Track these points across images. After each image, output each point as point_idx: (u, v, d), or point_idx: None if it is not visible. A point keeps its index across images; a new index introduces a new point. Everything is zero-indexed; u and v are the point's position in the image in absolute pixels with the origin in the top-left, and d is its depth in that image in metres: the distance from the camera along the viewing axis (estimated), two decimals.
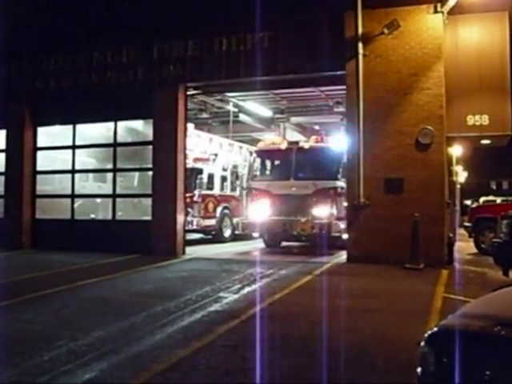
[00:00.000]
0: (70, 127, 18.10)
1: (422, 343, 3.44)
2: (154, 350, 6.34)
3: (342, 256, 14.59)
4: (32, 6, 17.55)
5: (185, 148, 16.21)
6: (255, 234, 18.32)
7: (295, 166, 17.43)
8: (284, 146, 17.93)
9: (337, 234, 16.11)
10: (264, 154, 18.85)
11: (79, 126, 18.14)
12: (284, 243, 19.01)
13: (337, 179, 16.76)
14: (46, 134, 18.80)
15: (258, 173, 19.17)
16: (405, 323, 7.48)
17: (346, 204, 15.16)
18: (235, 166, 22.19)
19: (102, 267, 13.33)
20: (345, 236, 15.22)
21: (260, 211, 17.34)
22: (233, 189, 21.96)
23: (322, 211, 16.48)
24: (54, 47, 17.58)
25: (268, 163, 19.37)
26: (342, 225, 15.71)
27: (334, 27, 14.13)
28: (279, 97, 20.22)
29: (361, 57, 13.74)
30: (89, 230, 17.26)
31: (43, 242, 17.52)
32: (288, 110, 22.25)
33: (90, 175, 20.14)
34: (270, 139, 19.50)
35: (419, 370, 3.42)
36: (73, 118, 17.83)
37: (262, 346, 6.16)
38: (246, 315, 8.04)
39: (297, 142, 18.46)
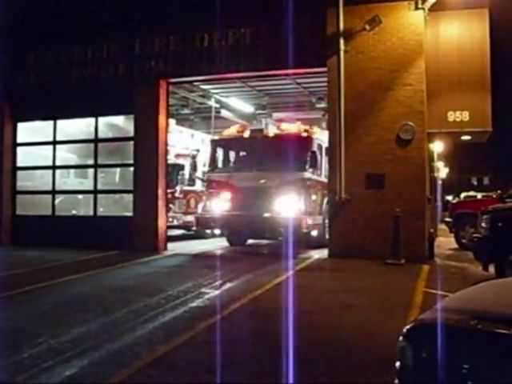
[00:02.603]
0: (50, 123, 17.95)
1: (401, 338, 3.46)
2: (135, 347, 6.32)
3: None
4: (11, 0, 17.36)
5: (166, 144, 16.16)
6: (216, 231, 16.93)
7: (259, 155, 16.05)
8: (247, 133, 16.44)
9: (305, 231, 14.61)
10: (225, 144, 17.36)
11: (60, 122, 18.00)
12: (251, 241, 18.09)
13: (305, 170, 15.34)
14: (27, 130, 18.65)
15: (219, 164, 17.45)
16: (385, 318, 7.51)
17: (314, 198, 15.19)
18: None
19: (83, 263, 13.26)
20: (314, 233, 14.99)
21: (219, 206, 15.85)
22: None
23: (288, 206, 14.86)
24: (34, 42, 17.42)
25: (229, 153, 17.93)
26: (311, 221, 14.90)
27: (316, 23, 14.16)
28: (262, 93, 20.23)
29: (342, 53, 13.76)
30: (70, 227, 17.16)
31: (24, 238, 17.38)
32: (270, 105, 22.24)
33: (72, 171, 20.00)
34: (234, 128, 17.45)
35: (398, 364, 3.44)
36: (53, 113, 17.69)
37: (240, 341, 6.17)
38: (228, 310, 8.04)
39: (261, 130, 17.23)
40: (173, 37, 15.82)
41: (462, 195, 40.30)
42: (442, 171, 40.38)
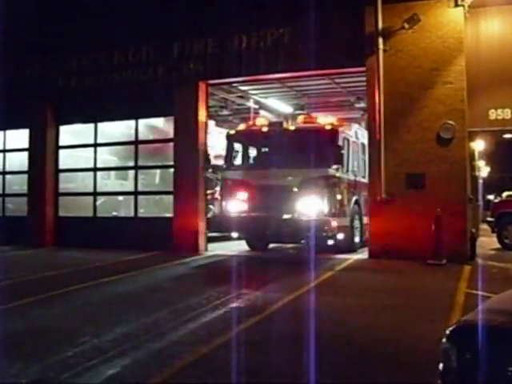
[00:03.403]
0: (91, 125, 18.26)
1: (444, 339, 3.44)
2: (177, 346, 6.38)
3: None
4: (54, 6, 17.66)
5: (206, 145, 16.26)
6: (234, 234, 15.34)
7: (278, 151, 14.69)
8: (265, 127, 15.00)
9: (329, 234, 13.40)
10: (242, 138, 15.75)
11: (101, 125, 18.29)
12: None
13: (329, 167, 13.86)
14: (69, 133, 18.98)
15: (237, 161, 15.89)
16: (426, 319, 7.44)
17: (340, 197, 14.06)
18: None
19: (124, 264, 13.43)
20: (340, 236, 13.75)
21: (234, 206, 14.54)
22: None
23: (309, 206, 13.59)
24: (76, 47, 17.72)
25: (247, 149, 16.29)
26: (337, 222, 13.59)
27: (354, 22, 14.10)
28: (300, 93, 20.18)
29: (381, 52, 13.67)
30: (111, 228, 17.39)
31: (66, 239, 17.68)
32: (308, 106, 22.18)
33: (112, 173, 20.26)
34: (253, 121, 16.17)
35: (441, 366, 3.42)
36: (95, 116, 18.00)
37: (278, 341, 6.18)
38: (268, 311, 8.06)
39: (280, 123, 15.75)
40: (211, 39, 15.92)
41: (504, 194, 39.42)
42: (484, 170, 39.73)
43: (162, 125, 18.33)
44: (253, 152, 16.47)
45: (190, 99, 16.02)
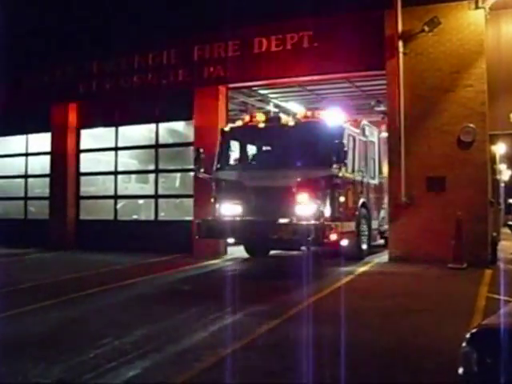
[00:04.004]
0: (112, 129, 18.41)
1: (464, 343, 3.43)
2: (196, 349, 6.40)
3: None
4: (74, 10, 17.83)
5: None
6: (230, 240, 14.57)
7: (276, 149, 13.89)
8: (262, 123, 13.67)
9: (330, 241, 11.84)
10: (237, 135, 14.26)
11: (122, 128, 18.43)
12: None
13: (332, 166, 12.31)
14: (90, 136, 19.15)
15: (232, 160, 14.45)
16: (447, 323, 7.40)
17: (343, 199, 12.71)
18: None
19: (144, 267, 13.50)
20: (344, 243, 12.40)
21: (228, 210, 13.23)
22: None
23: (309, 209, 12.24)
24: (97, 51, 17.88)
25: (242, 147, 14.83)
26: (340, 227, 12.24)
27: (374, 26, 14.09)
28: (320, 97, 20.17)
29: (401, 55, 13.65)
30: (132, 231, 17.50)
31: (87, 242, 17.83)
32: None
33: (133, 176, 20.39)
34: (249, 116, 14.75)
35: (461, 370, 3.41)
36: (115, 120, 18.14)
37: (298, 344, 6.18)
38: (287, 315, 8.06)
39: (278, 118, 14.15)
40: (231, 42, 16.00)
41: None
42: (505, 174, 39.39)
43: (183, 128, 18.42)
44: (249, 150, 15.06)
45: (210, 103, 16.09)
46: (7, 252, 16.81)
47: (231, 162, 14.21)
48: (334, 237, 11.80)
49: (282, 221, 12.16)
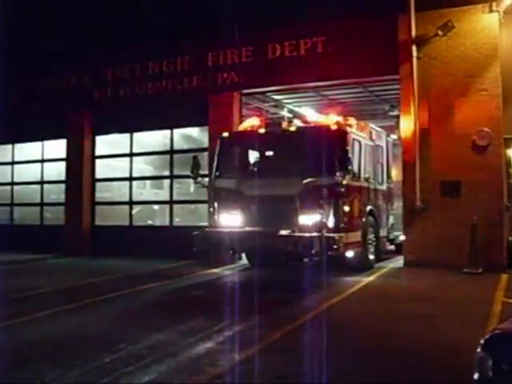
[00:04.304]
0: (127, 135, 18.52)
1: (479, 348, 3.43)
2: (212, 354, 6.43)
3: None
4: (89, 18, 17.97)
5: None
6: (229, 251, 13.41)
7: (277, 156, 13.21)
8: (262, 129, 13.14)
9: (334, 253, 11.21)
10: (234, 142, 13.73)
11: (136, 134, 18.53)
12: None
13: (335, 173, 11.67)
14: (105, 143, 19.27)
15: (230, 167, 13.67)
16: (462, 328, 7.39)
17: (348, 209, 11.95)
18: None
19: (160, 272, 13.57)
20: (349, 254, 12.09)
21: (225, 221, 12.69)
22: None
23: (311, 220, 11.61)
24: (111, 57, 18.02)
25: (241, 154, 14.12)
26: (344, 238, 11.42)
27: (388, 30, 14.09)
28: (334, 102, 20.16)
29: (415, 60, 13.62)
30: (147, 236, 17.56)
31: (102, 248, 17.89)
32: (342, 114, 22.07)
33: (148, 182, 20.48)
34: (250, 121, 14.06)
35: (476, 375, 3.41)
36: (130, 126, 18.24)
37: (315, 347, 6.19)
38: (301, 320, 8.07)
39: (279, 124, 13.73)
40: (245, 48, 16.05)
41: None
42: None
43: (197, 134, 18.49)
44: (248, 157, 14.15)
45: (224, 109, 16.15)
46: (24, 258, 16.94)
47: (230, 169, 13.52)
48: (338, 248, 11.14)
49: (283, 232, 11.52)
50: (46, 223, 20.32)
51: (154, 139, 19.14)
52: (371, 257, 13.40)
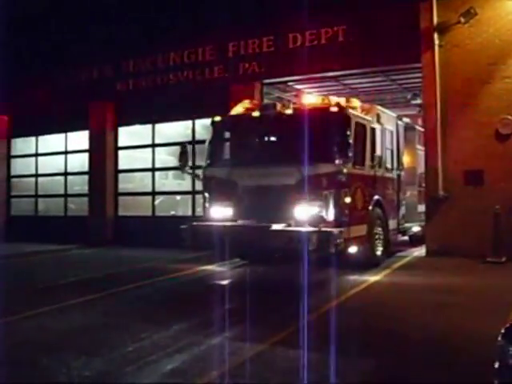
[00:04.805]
0: (149, 126, 18.63)
1: (500, 337, 3.44)
2: (233, 343, 6.47)
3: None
4: (110, 10, 18.06)
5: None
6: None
7: (272, 141, 12.36)
8: (255, 112, 12.00)
9: (335, 250, 9.97)
10: (227, 127, 12.80)
11: (158, 125, 18.64)
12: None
13: (336, 160, 10.52)
14: (127, 134, 19.41)
15: (222, 155, 12.88)
16: (484, 317, 7.35)
17: (349, 200, 10.70)
18: None
19: (181, 263, 13.63)
20: (352, 249, 10.95)
21: (218, 212, 11.67)
22: None
23: (308, 213, 10.50)
24: (133, 49, 18.12)
25: (233, 140, 13.24)
26: (346, 233, 10.42)
27: (409, 18, 13.96)
28: (356, 91, 20.08)
29: (437, 47, 13.52)
30: (169, 226, 17.60)
31: (126, 238, 18.06)
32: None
33: (170, 173, 20.59)
34: (243, 104, 13.07)
35: (497, 364, 3.41)
36: (152, 117, 18.34)
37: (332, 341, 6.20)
38: (319, 312, 8.08)
39: (274, 105, 12.26)
40: (265, 38, 16.05)
41: None
42: None
43: None
44: (242, 143, 13.14)
45: (245, 99, 16.12)
46: (49, 248, 17.13)
47: (222, 157, 12.68)
48: (338, 244, 10.01)
49: (276, 227, 10.40)
50: (70, 214, 20.55)
51: (175, 130, 19.22)
52: (378, 252, 12.20)
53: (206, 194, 12.14)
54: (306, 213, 10.47)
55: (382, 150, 12.75)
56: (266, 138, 12.65)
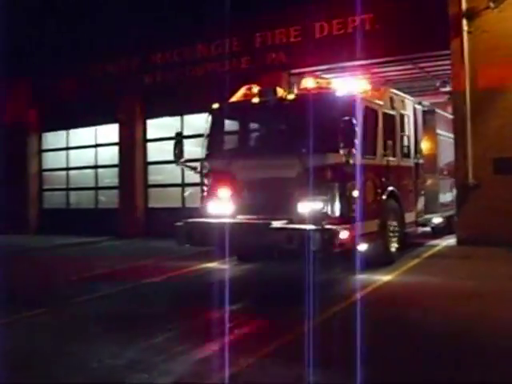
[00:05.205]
0: (177, 118, 18.73)
1: None
2: (258, 336, 6.54)
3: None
4: (138, 4, 18.19)
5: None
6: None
7: (273, 130, 11.32)
8: (255, 99, 10.97)
9: (342, 247, 9.06)
10: (226, 115, 11.68)
11: (186, 117, 18.71)
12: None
13: (343, 151, 9.05)
14: (156, 126, 19.54)
15: (221, 145, 11.84)
16: None
17: (356, 194, 9.55)
18: None
19: (209, 254, 13.65)
20: (362, 247, 9.74)
21: (215, 208, 10.65)
22: None
23: (311, 209, 9.43)
24: (160, 42, 18.24)
25: (232, 129, 12.32)
26: (353, 230, 9.27)
27: (437, 4, 13.81)
28: (384, 79, 19.93)
29: (465, 34, 13.35)
30: None
31: (156, 229, 18.20)
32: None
33: (198, 164, 20.64)
34: (243, 90, 11.97)
35: None
36: (180, 109, 18.42)
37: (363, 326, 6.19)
38: (350, 300, 8.09)
39: (274, 90, 10.98)
40: (292, 28, 16.02)
41: None
42: None
43: None
44: (241, 132, 12.34)
45: None
46: (80, 241, 17.40)
47: (221, 147, 11.69)
48: (344, 243, 9.05)
49: (276, 224, 9.34)
50: (101, 207, 20.80)
51: (203, 121, 19.24)
52: (393, 249, 11.16)
53: (203, 188, 11.35)
54: (307, 209, 9.44)
55: (397, 136, 11.75)
56: (266, 126, 11.65)
